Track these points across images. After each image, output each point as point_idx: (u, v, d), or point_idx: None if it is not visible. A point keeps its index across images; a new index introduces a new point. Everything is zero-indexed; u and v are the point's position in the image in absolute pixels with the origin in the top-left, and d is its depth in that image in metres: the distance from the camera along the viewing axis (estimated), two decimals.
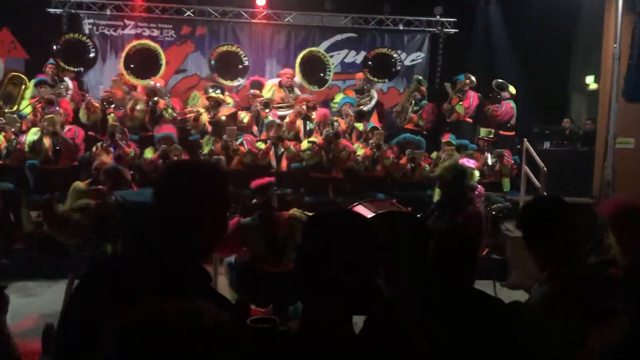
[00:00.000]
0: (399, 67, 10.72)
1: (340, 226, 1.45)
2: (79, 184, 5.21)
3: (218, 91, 9.69)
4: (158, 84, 9.55)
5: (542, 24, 11.22)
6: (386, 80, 10.90)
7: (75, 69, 9.91)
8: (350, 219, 1.51)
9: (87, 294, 1.63)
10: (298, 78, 10.20)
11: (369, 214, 4.50)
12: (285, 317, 5.48)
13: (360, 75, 10.66)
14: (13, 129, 8.12)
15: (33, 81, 9.44)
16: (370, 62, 10.61)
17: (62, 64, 9.64)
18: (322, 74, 10.40)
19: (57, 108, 8.52)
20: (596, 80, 11.43)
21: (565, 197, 7.81)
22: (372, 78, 10.53)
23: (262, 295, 5.36)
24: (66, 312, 1.81)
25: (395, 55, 10.75)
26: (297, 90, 10.20)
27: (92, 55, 10.04)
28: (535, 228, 2.38)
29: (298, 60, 10.23)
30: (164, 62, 9.98)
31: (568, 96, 12.92)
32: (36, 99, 9.01)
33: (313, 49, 10.65)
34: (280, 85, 10.23)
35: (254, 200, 5.49)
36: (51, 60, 9.70)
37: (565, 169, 9.65)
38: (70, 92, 9.40)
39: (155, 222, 1.71)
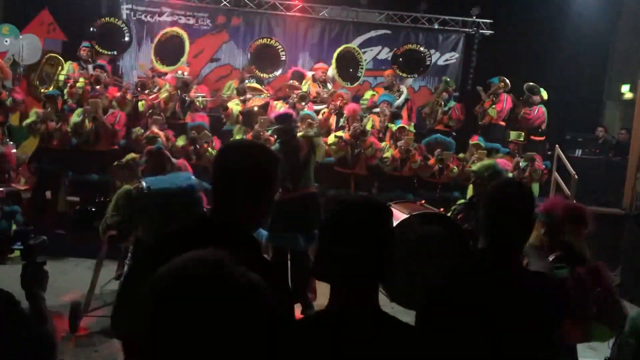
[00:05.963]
0: (428, 63, 10.64)
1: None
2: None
3: (253, 80, 9.74)
4: (185, 74, 9.61)
5: (580, 31, 11.04)
6: (415, 75, 10.85)
7: (109, 52, 10.06)
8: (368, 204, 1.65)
9: (146, 263, 1.73)
10: (334, 74, 10.13)
11: (402, 215, 4.50)
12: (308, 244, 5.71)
13: (389, 71, 10.59)
14: (52, 120, 8.26)
15: (69, 63, 9.60)
16: (400, 59, 10.56)
17: (96, 47, 9.79)
18: (354, 71, 10.37)
19: (99, 88, 8.73)
20: (632, 90, 11.22)
21: (594, 206, 7.68)
22: (400, 73, 10.48)
23: (283, 224, 5.53)
24: (123, 285, 1.99)
25: (424, 51, 10.68)
26: (329, 85, 10.18)
27: (126, 39, 10.16)
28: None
29: (335, 55, 10.19)
30: (186, 50, 9.94)
31: (602, 104, 12.71)
32: (87, 77, 9.14)
33: (349, 45, 10.61)
34: (314, 79, 10.23)
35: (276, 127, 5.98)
36: (85, 43, 9.84)
37: (596, 178, 9.50)
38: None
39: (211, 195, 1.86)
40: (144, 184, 4.59)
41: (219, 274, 1.02)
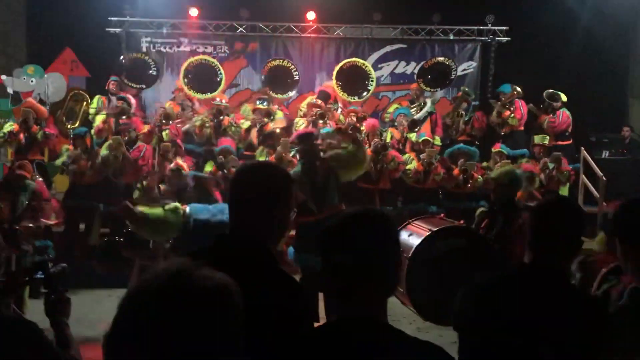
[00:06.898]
0: (452, 77, 10.62)
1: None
2: None
3: (265, 103, 9.87)
4: (223, 101, 9.83)
5: (600, 30, 10.92)
6: (439, 89, 10.84)
7: (137, 86, 10.30)
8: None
9: None
10: (336, 90, 10.15)
11: (425, 232, 4.48)
12: None
13: (414, 85, 10.61)
14: (83, 159, 8.44)
15: (98, 97, 9.83)
16: (428, 75, 10.54)
17: (126, 81, 10.03)
18: (363, 84, 10.33)
19: (128, 118, 9.01)
20: None
21: None
22: (425, 88, 10.48)
23: (309, 245, 5.16)
24: None
25: (450, 64, 10.66)
26: (339, 102, 10.23)
27: (153, 73, 10.37)
28: None
29: (335, 72, 10.25)
30: (223, 76, 10.24)
31: (627, 103, 12.50)
32: (111, 111, 9.39)
33: (352, 59, 10.62)
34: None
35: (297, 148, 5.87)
36: (113, 77, 10.09)
37: (624, 179, 9.32)
38: (133, 108, 9.78)
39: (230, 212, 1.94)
40: (188, 210, 4.66)
41: (180, 282, 1.08)
